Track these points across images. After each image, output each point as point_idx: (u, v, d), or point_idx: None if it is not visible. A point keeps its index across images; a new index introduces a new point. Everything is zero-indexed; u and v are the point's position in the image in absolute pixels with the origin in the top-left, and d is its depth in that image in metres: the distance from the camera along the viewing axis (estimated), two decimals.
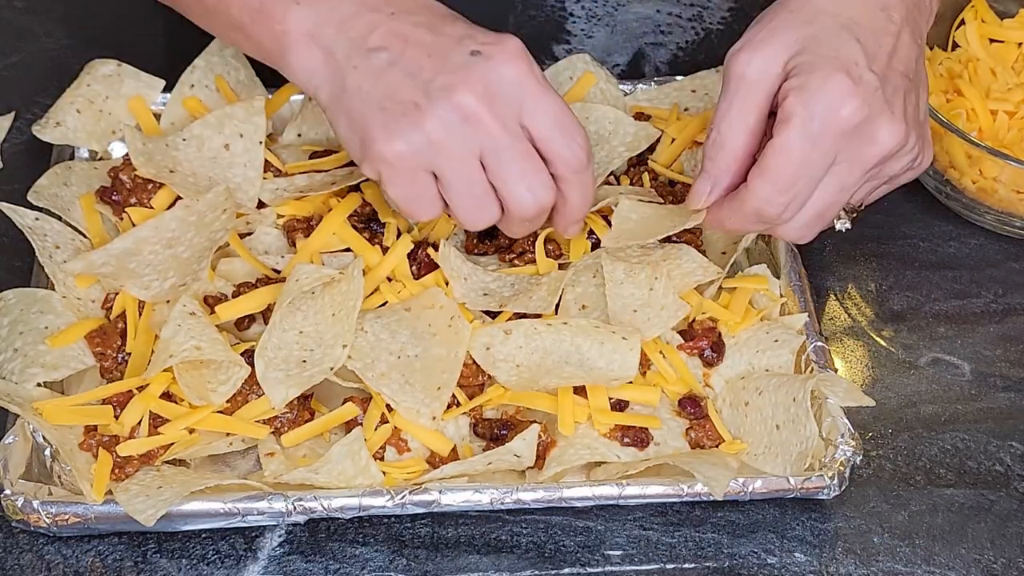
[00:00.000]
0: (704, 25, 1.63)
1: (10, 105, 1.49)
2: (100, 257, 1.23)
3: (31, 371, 1.19)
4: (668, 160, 1.38)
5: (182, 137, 1.34)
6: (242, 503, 1.12)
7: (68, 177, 1.33)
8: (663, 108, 1.42)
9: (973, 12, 1.47)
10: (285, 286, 1.21)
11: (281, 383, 1.17)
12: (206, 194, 1.27)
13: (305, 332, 1.20)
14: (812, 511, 1.19)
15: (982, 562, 1.17)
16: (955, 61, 1.44)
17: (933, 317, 1.35)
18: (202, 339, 1.17)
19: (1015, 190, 1.34)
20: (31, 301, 1.23)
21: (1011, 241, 1.41)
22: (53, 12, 1.60)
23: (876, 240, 1.41)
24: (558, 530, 1.17)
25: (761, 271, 1.29)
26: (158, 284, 1.23)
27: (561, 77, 1.42)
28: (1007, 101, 1.39)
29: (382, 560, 1.15)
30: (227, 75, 1.40)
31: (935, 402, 1.28)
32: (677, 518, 1.18)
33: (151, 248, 1.24)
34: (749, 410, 1.20)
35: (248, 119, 1.33)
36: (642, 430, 1.18)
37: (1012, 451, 1.25)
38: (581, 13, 1.63)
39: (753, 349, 1.24)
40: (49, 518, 1.12)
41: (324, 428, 1.18)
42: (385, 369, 1.18)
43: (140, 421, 1.17)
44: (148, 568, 1.14)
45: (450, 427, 1.19)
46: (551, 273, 1.26)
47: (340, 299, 1.20)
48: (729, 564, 1.16)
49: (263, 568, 1.14)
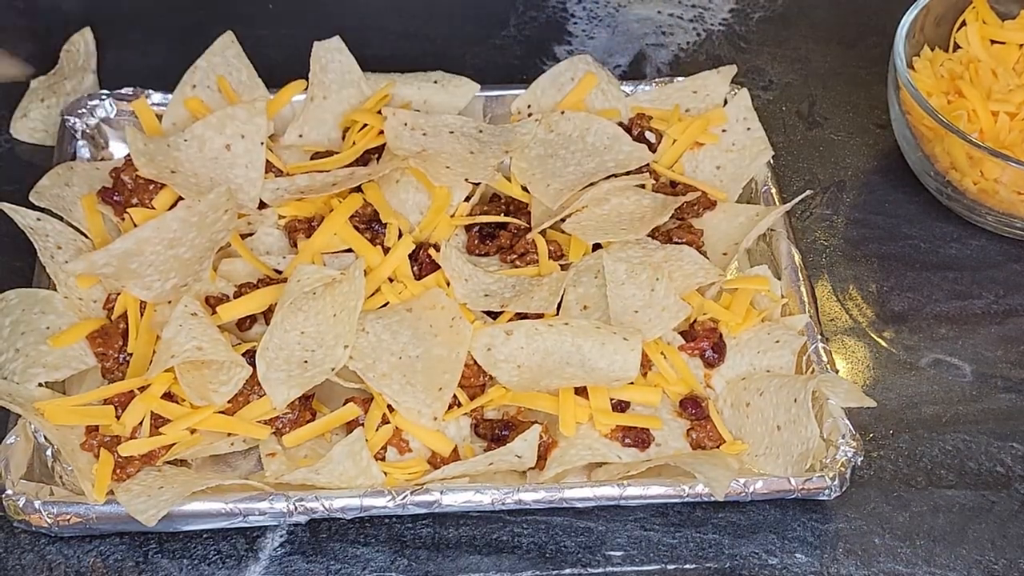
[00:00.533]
0: (705, 26, 1.63)
1: (11, 105, 1.49)
2: (102, 258, 1.23)
3: (33, 371, 1.19)
4: (670, 161, 1.39)
5: (183, 138, 1.34)
6: (243, 503, 1.12)
7: (70, 178, 1.33)
8: (664, 109, 1.42)
9: (974, 13, 1.47)
10: (287, 287, 1.21)
11: (283, 383, 1.17)
12: (207, 195, 1.27)
13: (307, 333, 1.20)
14: (813, 512, 1.19)
15: (983, 563, 1.17)
16: (956, 62, 1.45)
17: (934, 318, 1.35)
18: (204, 339, 1.17)
19: (1016, 191, 1.34)
20: (33, 301, 1.23)
21: (1012, 242, 1.41)
22: (53, 12, 1.60)
23: (877, 241, 1.41)
24: (559, 531, 1.17)
25: (762, 272, 1.29)
26: (159, 285, 1.23)
27: (562, 78, 1.43)
28: (1008, 102, 1.39)
29: (383, 560, 1.15)
30: (229, 76, 1.41)
31: (936, 403, 1.28)
32: (678, 519, 1.18)
33: (153, 248, 1.25)
34: (750, 411, 1.20)
35: (250, 120, 1.34)
36: (643, 431, 1.18)
37: (1013, 452, 1.25)
38: (582, 14, 1.63)
39: (754, 350, 1.24)
40: (51, 518, 1.12)
41: (325, 428, 1.18)
42: (386, 369, 1.18)
43: (142, 421, 1.17)
44: (149, 568, 1.14)
45: (451, 428, 1.19)
46: (552, 274, 1.26)
47: (341, 300, 1.20)
48: (730, 565, 1.16)
49: (264, 568, 1.15)
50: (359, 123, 1.37)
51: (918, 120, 1.37)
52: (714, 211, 1.35)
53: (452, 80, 1.43)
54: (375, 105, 1.39)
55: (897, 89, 1.39)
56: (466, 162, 1.33)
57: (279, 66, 1.43)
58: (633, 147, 1.38)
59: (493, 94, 1.43)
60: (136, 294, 1.23)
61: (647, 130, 1.40)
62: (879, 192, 1.46)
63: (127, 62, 1.54)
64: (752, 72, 1.57)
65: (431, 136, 1.35)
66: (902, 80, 1.37)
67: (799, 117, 1.53)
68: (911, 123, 1.39)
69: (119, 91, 1.41)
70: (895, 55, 1.39)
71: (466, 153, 1.34)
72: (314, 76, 1.40)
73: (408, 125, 1.35)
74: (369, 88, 1.41)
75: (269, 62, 1.44)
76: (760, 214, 1.33)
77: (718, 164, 1.39)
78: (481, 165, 1.33)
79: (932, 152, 1.38)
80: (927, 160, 1.39)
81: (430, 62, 1.45)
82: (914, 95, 1.35)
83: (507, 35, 1.60)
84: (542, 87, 1.43)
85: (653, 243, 1.30)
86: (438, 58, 1.49)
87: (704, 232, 1.33)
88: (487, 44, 1.60)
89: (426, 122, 1.35)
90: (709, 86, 1.43)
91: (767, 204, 1.36)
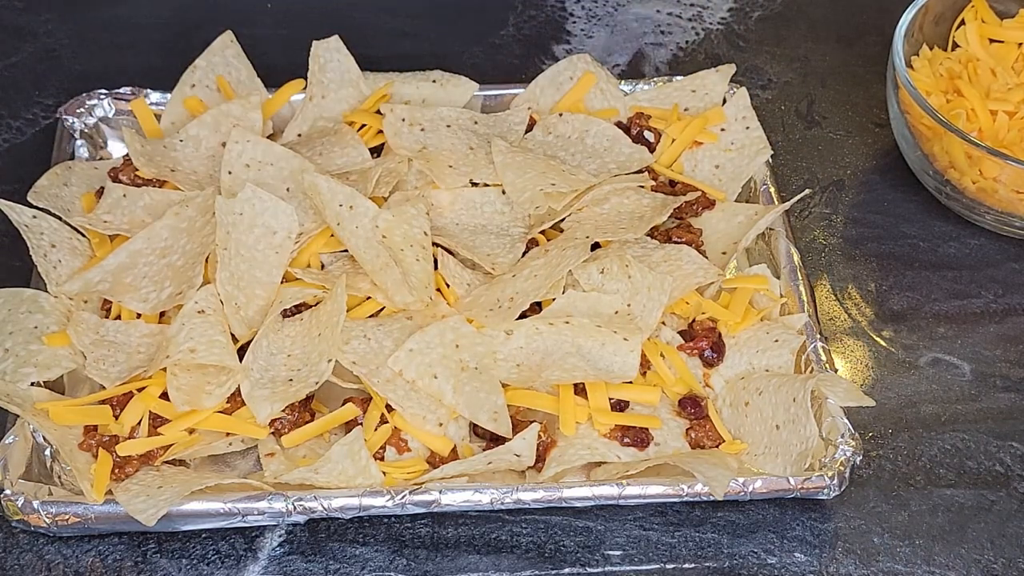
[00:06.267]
0: (704, 25, 1.63)
1: (10, 105, 1.49)
2: (96, 274, 1.23)
3: (24, 371, 1.18)
4: (668, 160, 1.39)
5: (179, 139, 1.34)
6: (242, 503, 1.12)
7: (68, 177, 1.33)
8: (663, 108, 1.42)
9: (973, 12, 1.47)
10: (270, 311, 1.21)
11: (267, 400, 1.17)
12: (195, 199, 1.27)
13: (293, 355, 1.20)
14: (812, 511, 1.19)
15: (982, 562, 1.17)
16: (955, 61, 1.45)
17: (933, 317, 1.35)
18: (200, 341, 1.17)
19: (1015, 190, 1.34)
20: (18, 301, 1.23)
21: (1011, 241, 1.41)
22: (53, 12, 1.60)
23: (876, 240, 1.41)
24: (558, 530, 1.17)
25: (761, 271, 1.29)
26: (155, 295, 1.23)
27: (561, 77, 1.43)
28: (1007, 101, 1.39)
29: (382, 560, 1.15)
30: (228, 75, 1.41)
31: (935, 402, 1.28)
32: (677, 518, 1.18)
33: (146, 260, 1.24)
34: (749, 410, 1.20)
35: (244, 116, 1.33)
36: (642, 430, 1.18)
37: (1012, 451, 1.25)
38: (581, 13, 1.63)
39: (753, 349, 1.24)
40: (49, 518, 1.12)
41: (324, 429, 1.18)
42: (390, 375, 1.18)
43: (140, 421, 1.17)
44: (148, 568, 1.14)
45: (451, 427, 1.19)
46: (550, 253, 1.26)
47: (325, 319, 1.20)
48: (729, 564, 1.16)
49: (263, 568, 1.14)
50: (357, 123, 1.37)
51: (917, 119, 1.37)
52: (713, 210, 1.35)
53: (451, 79, 1.43)
54: (373, 105, 1.39)
55: (896, 88, 1.39)
56: (467, 159, 1.33)
57: (278, 66, 1.43)
58: (633, 148, 1.38)
59: (492, 93, 1.43)
60: (132, 307, 1.23)
61: (646, 129, 1.40)
62: (878, 191, 1.46)
63: (126, 61, 1.54)
64: (751, 71, 1.57)
65: (429, 131, 1.35)
66: (901, 79, 1.37)
67: (798, 116, 1.53)
68: (910, 122, 1.39)
69: (117, 91, 1.41)
70: (894, 54, 1.39)
71: (466, 149, 1.34)
72: (313, 75, 1.40)
73: (406, 120, 1.35)
74: (368, 87, 1.41)
75: (268, 62, 1.44)
76: (759, 213, 1.33)
77: (717, 163, 1.39)
78: (483, 161, 1.33)
79: (931, 151, 1.38)
80: (926, 159, 1.39)
81: (429, 61, 1.45)
82: (913, 94, 1.35)
83: (506, 34, 1.60)
84: (541, 86, 1.43)
85: (652, 243, 1.30)
86: (437, 57, 1.49)
87: (703, 231, 1.33)
88: (486, 43, 1.59)
89: (423, 116, 1.36)
90: (708, 85, 1.43)
91: (766, 203, 1.36)
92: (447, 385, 1.18)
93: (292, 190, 1.29)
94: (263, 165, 1.30)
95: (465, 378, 1.18)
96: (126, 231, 1.26)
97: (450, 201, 1.32)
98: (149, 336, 1.22)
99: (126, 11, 1.61)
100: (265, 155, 1.30)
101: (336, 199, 1.23)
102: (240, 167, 1.29)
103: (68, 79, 1.51)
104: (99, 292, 1.24)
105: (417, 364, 1.18)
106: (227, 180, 1.28)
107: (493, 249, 1.30)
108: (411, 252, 1.23)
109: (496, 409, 1.17)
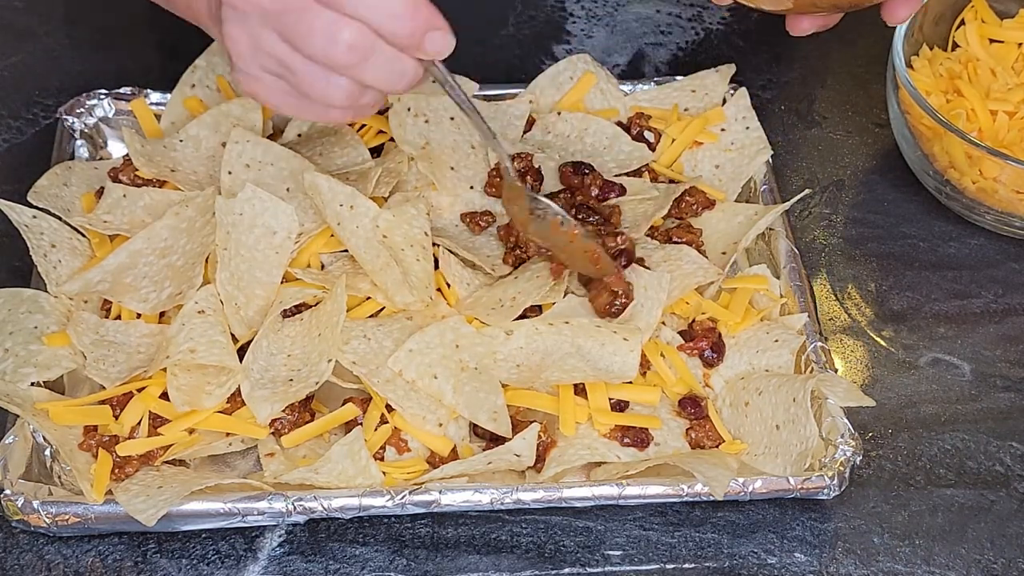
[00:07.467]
0: (704, 25, 1.63)
1: (10, 105, 1.49)
2: (95, 275, 1.23)
3: (24, 371, 1.18)
4: (669, 160, 1.39)
5: (179, 139, 1.34)
6: (242, 503, 1.12)
7: (68, 177, 1.33)
8: (663, 108, 1.42)
9: (973, 12, 1.47)
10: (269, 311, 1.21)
11: (267, 400, 1.17)
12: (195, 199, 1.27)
13: (293, 356, 1.20)
14: (812, 511, 1.19)
15: (982, 562, 1.17)
16: (955, 61, 1.44)
17: (933, 317, 1.35)
18: (200, 341, 1.17)
19: (1015, 190, 1.34)
20: (18, 301, 1.23)
21: (1011, 241, 1.41)
22: (53, 12, 1.60)
23: (876, 240, 1.41)
24: (558, 530, 1.17)
25: (761, 271, 1.29)
26: (155, 296, 1.23)
27: (561, 77, 1.43)
28: (1007, 101, 1.39)
29: (382, 560, 1.15)
30: (228, 75, 1.40)
31: (935, 402, 1.28)
32: (677, 518, 1.18)
33: (145, 260, 1.24)
34: (749, 410, 1.20)
35: (244, 116, 1.33)
36: (642, 430, 1.18)
37: (1012, 451, 1.25)
38: (581, 13, 1.63)
39: (753, 349, 1.24)
40: (49, 518, 1.12)
41: (324, 429, 1.18)
42: (390, 375, 1.18)
43: (140, 421, 1.17)
44: (148, 568, 1.14)
45: (450, 427, 1.19)
46: None
47: (325, 319, 1.20)
48: (729, 564, 1.16)
49: (263, 568, 1.14)
50: (357, 123, 1.37)
51: (917, 119, 1.37)
52: (713, 210, 1.35)
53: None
54: None
55: (896, 88, 1.39)
56: (469, 161, 1.33)
57: None
58: (633, 147, 1.38)
59: (491, 93, 1.43)
60: (132, 308, 1.22)
61: (646, 129, 1.40)
62: (878, 191, 1.45)
63: (125, 61, 1.54)
64: (751, 71, 1.56)
65: (433, 123, 1.35)
66: (901, 79, 1.37)
67: (798, 116, 1.52)
68: (910, 122, 1.39)
69: (117, 91, 1.41)
70: (894, 54, 1.39)
71: (468, 148, 1.34)
72: None
73: (411, 111, 1.35)
74: None
75: None
76: (759, 213, 1.33)
77: (717, 163, 1.39)
78: (484, 164, 1.34)
79: (931, 151, 1.38)
80: (926, 159, 1.39)
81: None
82: (913, 94, 1.35)
83: (505, 34, 1.60)
84: (541, 86, 1.43)
85: (652, 243, 1.30)
86: None
87: (703, 231, 1.33)
88: (485, 43, 1.59)
89: (427, 105, 1.35)
90: (708, 85, 1.43)
91: (766, 203, 1.36)
92: (447, 385, 1.18)
93: (292, 190, 1.29)
94: (263, 165, 1.30)
95: (465, 378, 1.18)
96: (126, 231, 1.26)
97: (450, 202, 1.32)
98: (149, 336, 1.22)
99: (126, 11, 1.61)
100: (265, 155, 1.30)
101: (337, 199, 1.23)
102: (240, 167, 1.29)
103: (68, 79, 1.51)
104: (99, 292, 1.24)
105: (417, 364, 1.18)
106: (227, 180, 1.28)
107: (493, 250, 1.30)
108: (411, 252, 1.23)
109: (496, 409, 1.17)
